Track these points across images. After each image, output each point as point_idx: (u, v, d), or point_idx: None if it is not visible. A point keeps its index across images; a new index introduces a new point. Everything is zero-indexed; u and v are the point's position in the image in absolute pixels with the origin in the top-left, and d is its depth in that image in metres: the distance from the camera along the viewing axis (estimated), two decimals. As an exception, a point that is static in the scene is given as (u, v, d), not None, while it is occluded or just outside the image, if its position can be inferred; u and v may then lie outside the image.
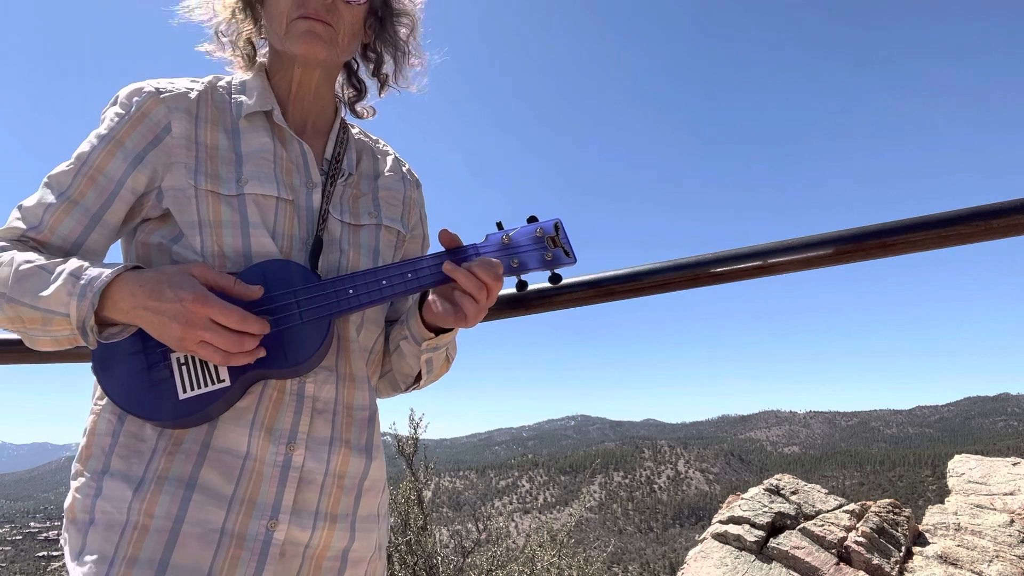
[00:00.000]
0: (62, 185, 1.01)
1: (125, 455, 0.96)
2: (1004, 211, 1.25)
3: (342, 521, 1.04)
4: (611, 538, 73.65)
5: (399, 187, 1.25)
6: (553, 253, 1.08)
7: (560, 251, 1.08)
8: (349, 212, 1.14)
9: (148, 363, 0.94)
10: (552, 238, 1.08)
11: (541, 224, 1.09)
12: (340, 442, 1.04)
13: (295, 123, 1.15)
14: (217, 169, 1.04)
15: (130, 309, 0.90)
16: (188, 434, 0.96)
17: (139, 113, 1.03)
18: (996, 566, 3.17)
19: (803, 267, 1.36)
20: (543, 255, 1.08)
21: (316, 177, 1.11)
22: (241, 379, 0.95)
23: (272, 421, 0.99)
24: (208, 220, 1.01)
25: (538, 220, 1.09)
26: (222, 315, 0.89)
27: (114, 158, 1.02)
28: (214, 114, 1.08)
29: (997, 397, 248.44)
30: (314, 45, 1.06)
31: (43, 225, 0.99)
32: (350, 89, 1.30)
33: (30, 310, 0.91)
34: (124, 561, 0.90)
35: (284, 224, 1.06)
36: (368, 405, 1.10)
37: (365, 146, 1.26)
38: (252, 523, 0.95)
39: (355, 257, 1.11)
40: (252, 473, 0.96)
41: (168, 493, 0.93)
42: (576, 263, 1.09)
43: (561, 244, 1.08)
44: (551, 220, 1.09)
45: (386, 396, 1.30)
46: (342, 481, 1.04)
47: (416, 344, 1.15)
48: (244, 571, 0.93)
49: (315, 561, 1.01)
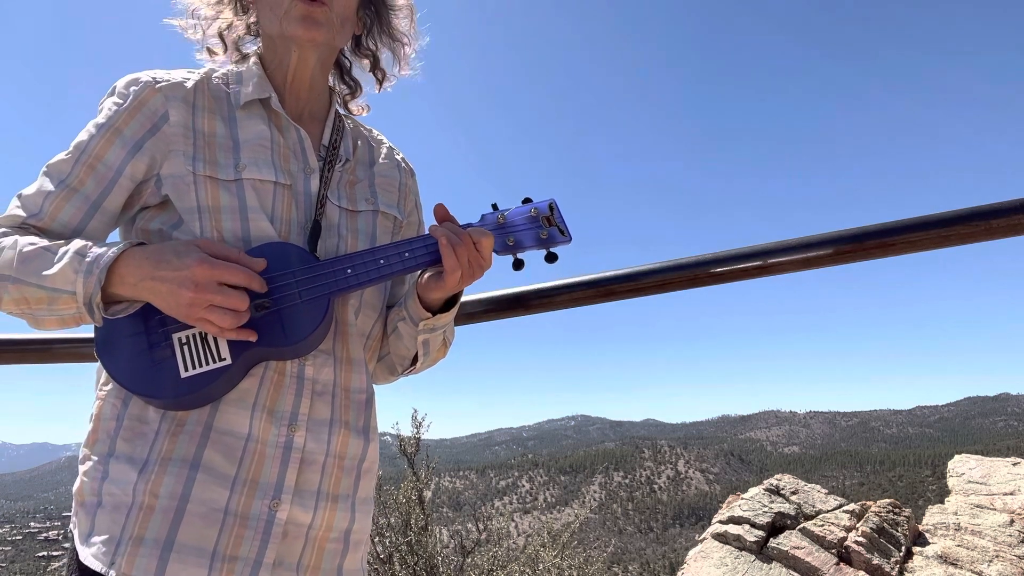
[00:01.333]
0: (61, 173, 1.02)
1: (129, 438, 0.98)
2: (1004, 211, 1.25)
3: (343, 501, 1.06)
4: (611, 538, 73.14)
5: (395, 174, 1.27)
6: (548, 232, 1.09)
7: (555, 230, 1.09)
8: (346, 198, 1.16)
9: (150, 343, 0.95)
10: (547, 217, 1.09)
11: (536, 204, 1.10)
12: (340, 423, 1.06)
13: (292, 110, 1.17)
14: (215, 156, 1.06)
15: (137, 282, 0.91)
16: (191, 416, 0.97)
17: (137, 102, 1.05)
18: (996, 566, 3.18)
19: (803, 267, 1.36)
20: (538, 233, 1.09)
21: (313, 163, 1.13)
22: (242, 358, 0.96)
23: (273, 403, 1.00)
24: (207, 206, 1.03)
25: (533, 201, 1.11)
26: (229, 274, 0.91)
27: (112, 146, 1.03)
28: (211, 103, 1.10)
29: (997, 397, 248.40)
30: (313, 28, 1.08)
31: (43, 213, 1.00)
32: (343, 87, 1.31)
33: (36, 289, 0.92)
34: (131, 541, 0.91)
35: (282, 209, 1.07)
36: (365, 388, 1.12)
37: (360, 135, 1.28)
38: (255, 503, 0.96)
39: (353, 242, 1.13)
40: (254, 454, 0.98)
41: (172, 474, 0.94)
42: (571, 241, 1.11)
43: (556, 223, 1.09)
44: (545, 200, 1.10)
45: (383, 381, 1.32)
46: (342, 462, 1.06)
47: (413, 325, 1.16)
48: (248, 549, 0.95)
49: (317, 543, 1.02)
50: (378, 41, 1.26)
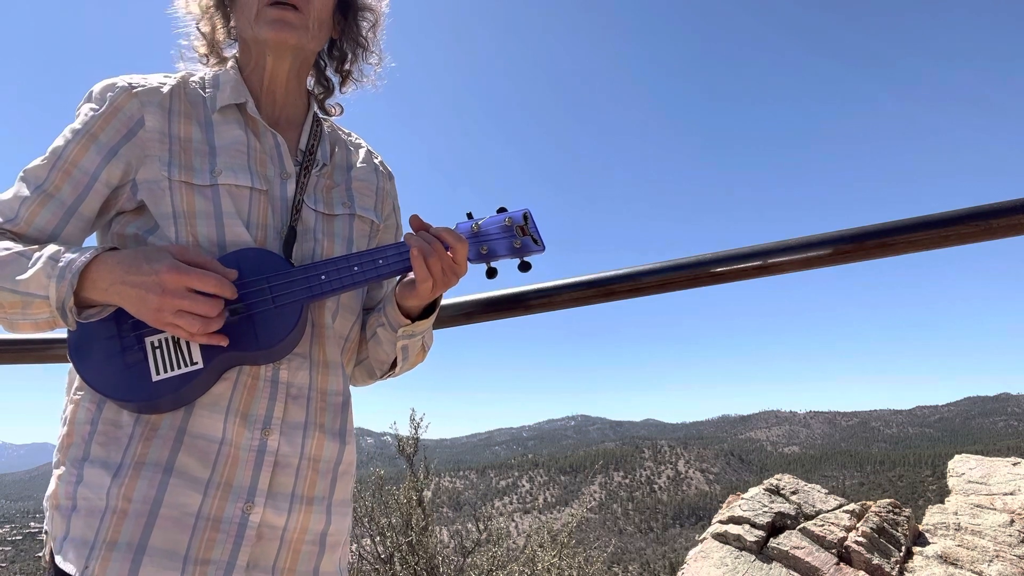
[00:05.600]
0: (38, 179, 1.02)
1: (104, 442, 0.98)
2: (1004, 211, 1.25)
3: (318, 504, 1.06)
4: (611, 538, 73.14)
5: (372, 178, 1.27)
6: (522, 241, 1.10)
7: (528, 239, 1.10)
8: (323, 202, 1.16)
9: (122, 347, 0.96)
10: (521, 227, 1.10)
11: (510, 214, 1.11)
12: (315, 426, 1.06)
13: (268, 115, 1.17)
14: (191, 161, 1.06)
15: (108, 286, 0.92)
16: (164, 420, 0.98)
17: (112, 108, 1.05)
18: (996, 566, 3.18)
19: (803, 267, 1.36)
20: (512, 243, 1.10)
21: (290, 168, 1.13)
22: (214, 362, 0.96)
23: (247, 407, 1.01)
24: (182, 211, 1.03)
25: (507, 210, 1.12)
26: (199, 281, 0.91)
27: (88, 152, 1.03)
28: (187, 108, 1.10)
29: (997, 397, 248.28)
30: (284, 31, 1.08)
31: (19, 218, 1.01)
32: (319, 87, 1.31)
33: (9, 294, 0.93)
34: (104, 545, 0.92)
35: (258, 214, 1.07)
36: (342, 391, 1.12)
37: (338, 139, 1.28)
38: (228, 506, 0.97)
39: (329, 246, 1.13)
40: (228, 458, 0.98)
41: (145, 478, 0.95)
42: (545, 251, 1.12)
43: (530, 232, 1.10)
44: (520, 210, 1.11)
45: (361, 384, 1.33)
46: (317, 465, 1.06)
47: (392, 331, 1.17)
48: (220, 552, 0.95)
49: (292, 546, 1.02)
50: (345, 43, 1.26)
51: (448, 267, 1.06)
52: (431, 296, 1.10)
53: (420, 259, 1.04)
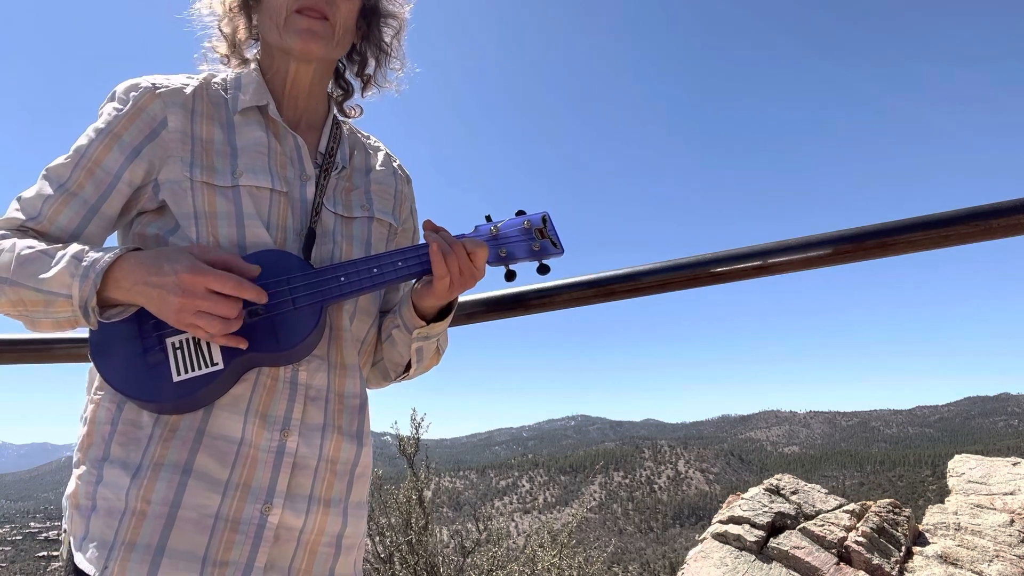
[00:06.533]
0: (61, 177, 1.02)
1: (124, 442, 0.98)
2: (1004, 211, 1.25)
3: (335, 506, 1.06)
4: (611, 538, 73.13)
5: (390, 181, 1.28)
6: (541, 244, 1.10)
7: (548, 242, 1.10)
8: (342, 205, 1.16)
9: (144, 347, 0.96)
10: (540, 230, 1.10)
11: (529, 216, 1.11)
12: (333, 428, 1.06)
13: (289, 118, 1.17)
14: (212, 162, 1.06)
15: (131, 287, 0.92)
16: (183, 421, 0.98)
17: (136, 108, 1.05)
18: (996, 566, 3.18)
19: (803, 267, 1.36)
20: (531, 245, 1.10)
21: (310, 170, 1.13)
22: (234, 363, 0.97)
23: (266, 408, 1.01)
24: (204, 211, 1.03)
25: (526, 213, 1.12)
26: (218, 283, 0.91)
27: (111, 151, 1.04)
28: (209, 109, 1.10)
29: (997, 397, 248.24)
30: (312, 42, 1.08)
31: (42, 216, 1.01)
32: (338, 89, 1.32)
33: (32, 292, 0.93)
34: (123, 546, 0.92)
35: (278, 215, 1.08)
36: (359, 393, 1.12)
37: (357, 142, 1.28)
38: (247, 507, 0.97)
39: (348, 249, 1.14)
40: (247, 459, 0.98)
41: (164, 479, 0.95)
42: (564, 254, 1.12)
43: (549, 235, 1.10)
44: (539, 213, 1.11)
45: (376, 387, 1.32)
46: (335, 467, 1.07)
47: (408, 332, 1.17)
48: (238, 553, 0.95)
49: (309, 547, 1.03)
50: (366, 48, 1.26)
51: (466, 268, 1.06)
52: (448, 296, 1.10)
53: (439, 255, 1.04)
